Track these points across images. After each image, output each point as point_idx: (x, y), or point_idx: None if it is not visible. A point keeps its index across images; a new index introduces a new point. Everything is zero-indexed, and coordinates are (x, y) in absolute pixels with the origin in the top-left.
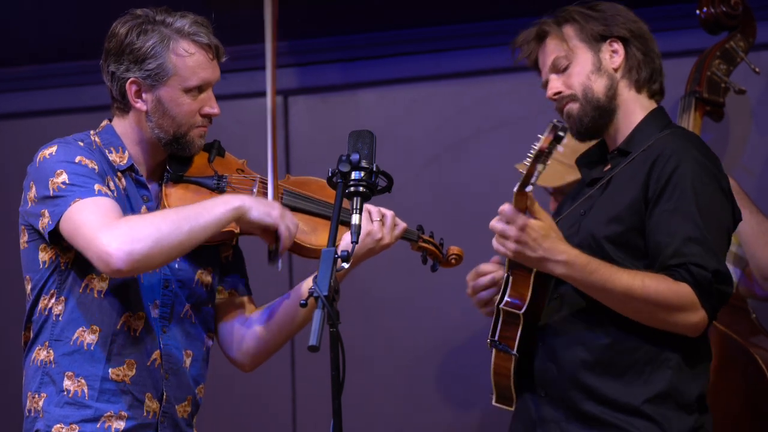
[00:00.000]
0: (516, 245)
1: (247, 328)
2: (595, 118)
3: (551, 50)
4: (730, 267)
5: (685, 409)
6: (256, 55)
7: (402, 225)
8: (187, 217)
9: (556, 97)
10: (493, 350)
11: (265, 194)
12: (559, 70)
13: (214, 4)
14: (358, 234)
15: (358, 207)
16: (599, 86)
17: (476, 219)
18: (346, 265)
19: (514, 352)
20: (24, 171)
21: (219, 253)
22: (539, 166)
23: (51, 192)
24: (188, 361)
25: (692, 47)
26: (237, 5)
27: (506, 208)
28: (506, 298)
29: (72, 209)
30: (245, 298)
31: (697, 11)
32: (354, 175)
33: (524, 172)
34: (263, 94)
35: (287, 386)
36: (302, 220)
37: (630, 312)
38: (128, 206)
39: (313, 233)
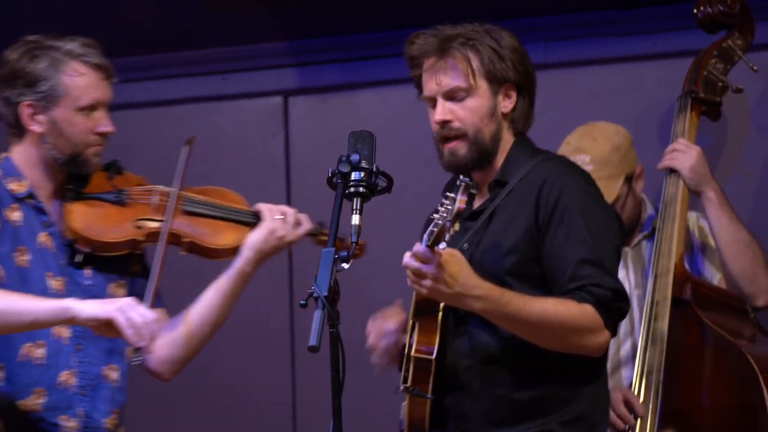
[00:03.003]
0: (432, 282)
1: (160, 338)
2: (475, 161)
3: (453, 76)
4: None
5: (594, 428)
6: (255, 56)
7: (307, 225)
8: (9, 297)
9: (443, 125)
10: (407, 396)
11: (166, 204)
12: (454, 99)
13: (213, 4)
14: (358, 234)
15: (358, 207)
16: (489, 131)
17: None
18: (345, 266)
19: (429, 395)
20: None
21: (129, 266)
22: (456, 225)
23: None
24: (113, 375)
25: (690, 48)
26: (236, 5)
27: (421, 249)
28: (416, 346)
29: None
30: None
31: (695, 11)
32: (354, 175)
33: (436, 230)
34: (262, 94)
35: (287, 386)
36: (204, 225)
37: (542, 338)
38: (24, 235)
39: (216, 235)
